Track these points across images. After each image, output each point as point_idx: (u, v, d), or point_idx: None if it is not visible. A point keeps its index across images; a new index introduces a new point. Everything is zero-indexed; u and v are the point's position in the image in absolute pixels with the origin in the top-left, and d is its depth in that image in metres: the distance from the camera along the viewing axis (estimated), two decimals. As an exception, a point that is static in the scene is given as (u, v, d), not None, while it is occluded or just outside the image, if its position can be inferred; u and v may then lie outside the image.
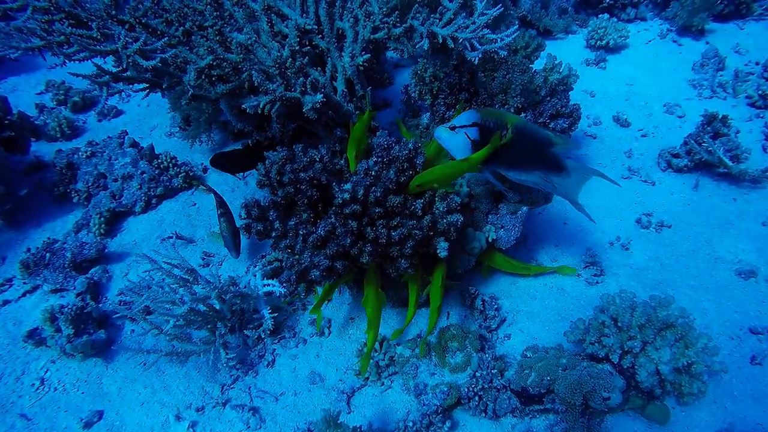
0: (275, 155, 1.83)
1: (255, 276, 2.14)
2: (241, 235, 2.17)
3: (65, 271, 2.36)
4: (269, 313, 1.96)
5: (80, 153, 2.84)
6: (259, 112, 1.90)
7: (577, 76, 2.38)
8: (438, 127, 1.64)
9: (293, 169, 1.66)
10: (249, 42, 2.08)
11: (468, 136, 1.61)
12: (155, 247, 2.57)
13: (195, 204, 2.88)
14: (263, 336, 2.00)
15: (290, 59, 2.03)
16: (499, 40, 2.09)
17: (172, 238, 2.60)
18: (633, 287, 2.00)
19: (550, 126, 2.24)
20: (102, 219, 2.65)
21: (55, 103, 3.73)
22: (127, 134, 3.05)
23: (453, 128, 1.65)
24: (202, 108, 2.96)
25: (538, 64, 2.55)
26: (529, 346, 1.77)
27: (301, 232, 1.62)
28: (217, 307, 1.91)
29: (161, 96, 1.88)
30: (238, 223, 2.03)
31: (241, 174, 3.00)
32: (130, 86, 1.81)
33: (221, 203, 2.31)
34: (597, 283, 2.05)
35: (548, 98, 2.30)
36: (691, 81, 3.26)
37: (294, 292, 1.73)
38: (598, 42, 3.83)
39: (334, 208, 1.59)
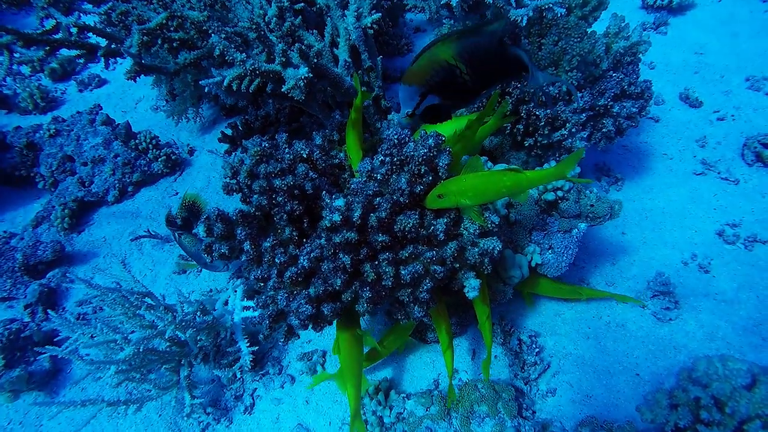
0: (252, 146, 1.37)
1: (236, 292, 1.74)
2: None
3: (15, 276, 1.99)
4: (248, 347, 1.56)
5: (42, 131, 2.43)
6: (234, 88, 1.44)
7: (648, 43, 1.83)
8: (400, 131, 1.18)
9: (267, 174, 1.21)
10: (226, -5, 1.60)
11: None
12: (117, 253, 2.17)
13: (177, 193, 2.47)
14: (239, 375, 1.60)
15: (276, 18, 1.54)
16: (553, -7, 1.56)
17: (145, 236, 2.19)
18: (722, 329, 1.52)
19: (614, 111, 1.72)
20: (66, 211, 2.26)
21: (30, 70, 3.32)
22: (101, 109, 2.62)
23: (412, 115, 1.23)
24: (187, 80, 2.51)
25: (597, 27, 2.01)
26: (584, 419, 1.32)
27: (277, 260, 1.18)
28: (182, 339, 1.52)
29: (104, 66, 1.43)
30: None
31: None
32: (50, 54, 1.35)
33: (173, 221, 1.71)
34: (670, 320, 1.57)
35: (611, 72, 1.77)
36: (782, 49, 2.64)
37: (269, 336, 1.34)
38: (659, 1, 3.19)
39: (320, 230, 1.14)
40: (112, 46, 1.39)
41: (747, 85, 2.48)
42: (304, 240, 1.28)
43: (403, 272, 1.08)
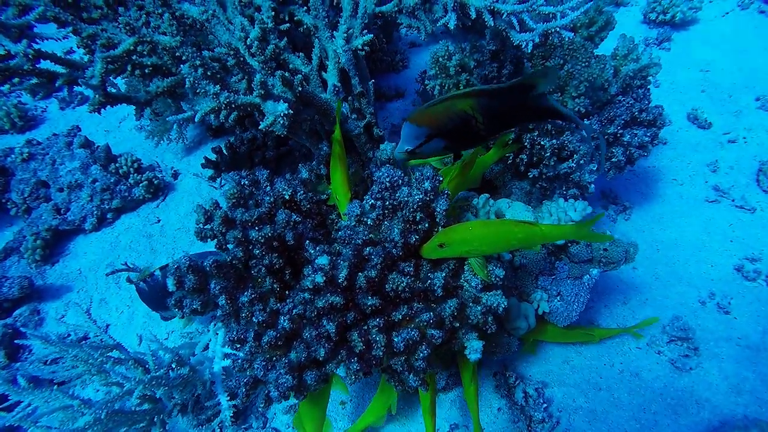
0: (229, 184, 1.24)
1: (217, 335, 1.60)
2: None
3: (-23, 317, 1.84)
4: (228, 400, 1.42)
5: (15, 155, 2.29)
6: (212, 119, 1.32)
7: (659, 65, 1.72)
8: (392, 173, 1.08)
9: (243, 222, 1.07)
10: (205, 17, 1.48)
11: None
12: (93, 287, 2.03)
13: (159, 220, 2.33)
14: (218, 431, 1.46)
15: (258, 42, 1.42)
16: (559, 15, 1.44)
17: (123, 269, 2.05)
18: (750, 381, 1.39)
19: (624, 140, 1.60)
20: (39, 242, 2.11)
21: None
22: (79, 131, 2.48)
23: (411, 153, 1.13)
24: (168, 101, 2.38)
25: (605, 48, 1.90)
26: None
27: (255, 319, 1.05)
28: (157, 395, 1.37)
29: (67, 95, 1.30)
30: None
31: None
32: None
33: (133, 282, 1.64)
34: (690, 369, 1.44)
35: (620, 97, 1.65)
36: (792, 67, 2.54)
37: (246, 402, 1.20)
38: (661, 16, 3.09)
39: (302, 288, 1.00)
40: (75, 73, 1.26)
41: (757, 105, 2.37)
42: (287, 292, 1.15)
43: (396, 339, 0.95)
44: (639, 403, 1.39)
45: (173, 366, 1.41)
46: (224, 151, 2.22)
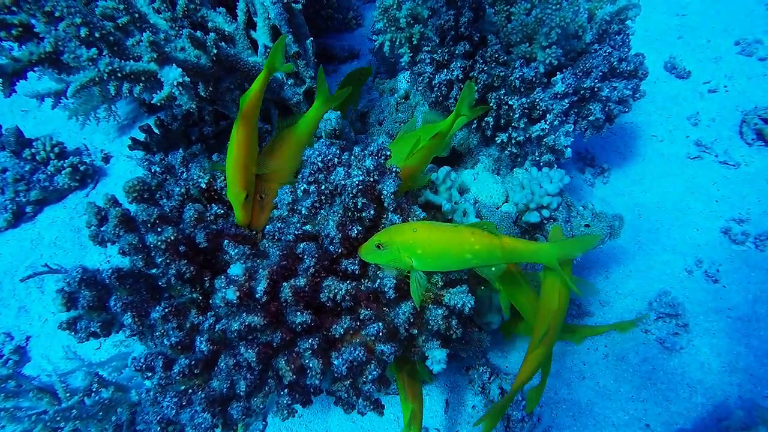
0: (132, 178, 1.00)
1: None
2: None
3: None
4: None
5: None
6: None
7: (638, 6, 1.52)
8: (325, 151, 0.87)
9: (144, 223, 0.85)
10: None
11: None
12: (9, 295, 1.77)
13: (88, 211, 2.05)
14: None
15: (163, -6, 1.15)
16: (524, -53, 1.21)
17: (45, 272, 1.79)
18: (743, 357, 1.27)
19: (603, 95, 1.40)
20: (-58, 245, 1.83)
21: None
22: (-17, 113, 2.15)
23: None
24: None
25: (575, -10, 1.67)
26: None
27: (168, 341, 0.84)
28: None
29: None
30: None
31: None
32: None
33: None
34: (681, 348, 1.30)
35: (596, 46, 1.45)
36: (772, 7, 2.37)
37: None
38: (631, -44, 2.87)
39: (215, 305, 0.79)
40: None
41: (737, 50, 2.20)
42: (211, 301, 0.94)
43: (336, 362, 0.75)
44: (626, 391, 1.25)
45: (93, 389, 1.20)
46: (154, 129, 1.95)
